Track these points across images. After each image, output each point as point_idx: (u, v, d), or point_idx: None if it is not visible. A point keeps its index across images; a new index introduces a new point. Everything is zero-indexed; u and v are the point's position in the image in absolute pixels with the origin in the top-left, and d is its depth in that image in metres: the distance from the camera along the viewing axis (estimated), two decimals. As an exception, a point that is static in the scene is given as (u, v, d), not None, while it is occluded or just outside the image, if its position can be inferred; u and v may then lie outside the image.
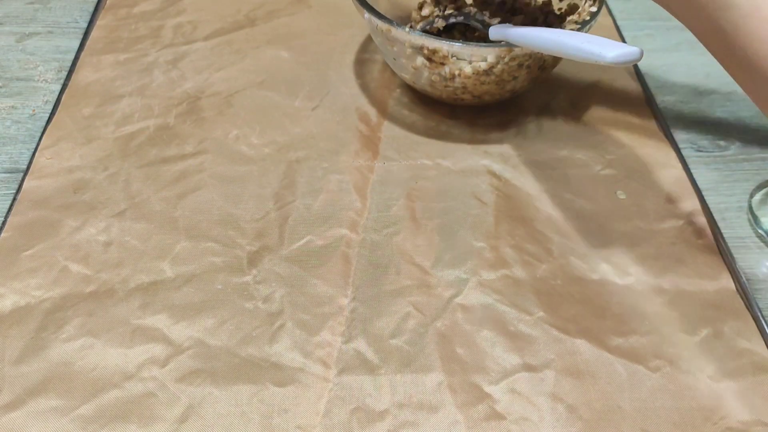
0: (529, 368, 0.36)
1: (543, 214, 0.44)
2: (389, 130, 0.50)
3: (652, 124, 0.51)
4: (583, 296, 0.40)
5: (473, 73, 0.46)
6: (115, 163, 0.46)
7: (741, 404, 0.35)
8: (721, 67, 0.36)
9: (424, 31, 0.51)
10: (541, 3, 0.53)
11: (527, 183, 0.46)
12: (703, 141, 0.51)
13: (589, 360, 0.37)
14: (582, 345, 0.38)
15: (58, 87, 0.53)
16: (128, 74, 0.53)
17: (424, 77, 0.48)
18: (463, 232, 0.43)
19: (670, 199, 0.46)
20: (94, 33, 0.57)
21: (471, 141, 0.49)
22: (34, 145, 0.48)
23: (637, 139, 0.50)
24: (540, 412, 0.35)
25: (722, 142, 0.51)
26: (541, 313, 0.39)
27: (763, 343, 0.38)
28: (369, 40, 0.58)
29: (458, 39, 0.52)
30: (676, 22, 0.38)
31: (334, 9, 0.61)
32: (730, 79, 0.36)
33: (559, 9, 0.53)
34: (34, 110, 0.51)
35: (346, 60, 0.56)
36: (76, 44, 0.57)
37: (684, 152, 0.50)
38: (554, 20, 0.52)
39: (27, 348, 0.36)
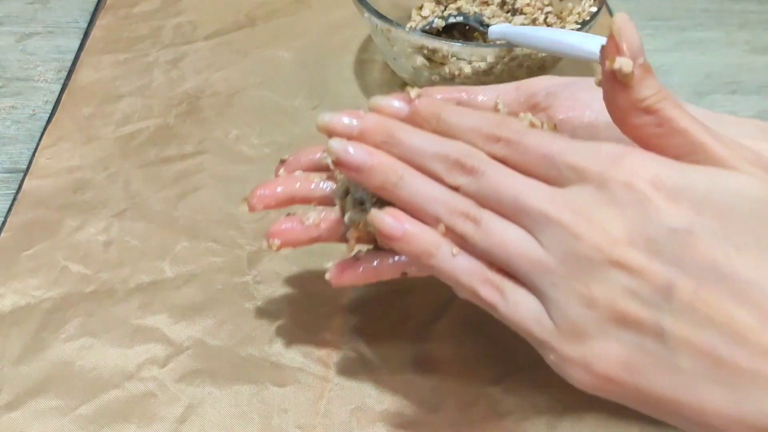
0: (529, 368, 0.36)
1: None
2: (389, 130, 0.50)
3: (652, 124, 0.51)
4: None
5: (473, 73, 0.46)
6: (115, 163, 0.46)
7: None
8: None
9: (424, 31, 0.51)
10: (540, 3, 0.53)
11: (527, 183, 0.46)
12: (703, 141, 0.51)
13: (589, 360, 0.37)
14: (582, 345, 0.37)
15: (58, 87, 0.53)
16: (128, 74, 0.53)
17: (424, 77, 0.48)
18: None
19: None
20: (94, 33, 0.57)
21: (471, 141, 0.49)
22: (34, 145, 0.48)
23: (637, 139, 0.50)
24: (540, 412, 0.35)
25: (722, 142, 0.51)
26: (541, 313, 0.39)
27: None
28: (369, 40, 0.58)
29: (458, 39, 0.52)
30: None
31: (334, 9, 0.61)
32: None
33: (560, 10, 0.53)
34: (34, 110, 0.51)
35: (346, 60, 0.56)
36: (76, 44, 0.56)
37: (684, 152, 0.49)
38: (554, 20, 0.52)
39: (27, 348, 0.36)
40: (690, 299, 0.23)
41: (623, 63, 0.24)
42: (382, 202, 0.29)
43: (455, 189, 0.27)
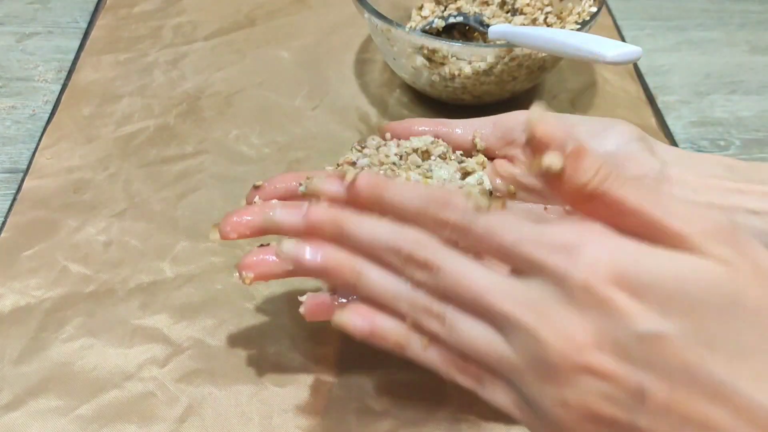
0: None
1: (543, 214, 0.44)
2: (389, 130, 0.50)
3: (652, 124, 0.51)
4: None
5: (473, 73, 0.46)
6: (115, 163, 0.46)
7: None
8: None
9: (424, 31, 0.51)
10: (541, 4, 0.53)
11: (527, 183, 0.46)
12: (703, 141, 0.51)
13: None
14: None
15: (58, 87, 0.53)
16: (128, 74, 0.53)
17: (424, 77, 0.48)
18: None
19: (670, 199, 0.45)
20: (94, 33, 0.57)
21: (471, 141, 0.49)
22: (34, 145, 0.48)
23: (637, 139, 0.50)
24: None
25: (722, 142, 0.51)
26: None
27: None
28: (369, 40, 0.58)
29: (458, 39, 0.52)
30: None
31: (334, 9, 0.61)
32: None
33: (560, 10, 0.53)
34: (34, 110, 0.51)
35: (346, 60, 0.56)
36: (76, 44, 0.57)
37: (684, 152, 0.50)
38: (554, 20, 0.52)
39: (27, 348, 0.36)
40: (665, 402, 0.22)
41: (552, 160, 0.23)
42: None
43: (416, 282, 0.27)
